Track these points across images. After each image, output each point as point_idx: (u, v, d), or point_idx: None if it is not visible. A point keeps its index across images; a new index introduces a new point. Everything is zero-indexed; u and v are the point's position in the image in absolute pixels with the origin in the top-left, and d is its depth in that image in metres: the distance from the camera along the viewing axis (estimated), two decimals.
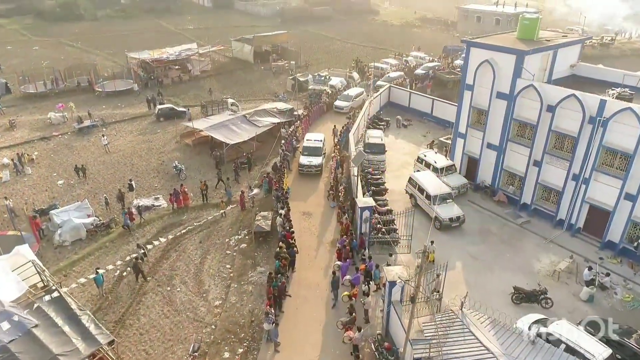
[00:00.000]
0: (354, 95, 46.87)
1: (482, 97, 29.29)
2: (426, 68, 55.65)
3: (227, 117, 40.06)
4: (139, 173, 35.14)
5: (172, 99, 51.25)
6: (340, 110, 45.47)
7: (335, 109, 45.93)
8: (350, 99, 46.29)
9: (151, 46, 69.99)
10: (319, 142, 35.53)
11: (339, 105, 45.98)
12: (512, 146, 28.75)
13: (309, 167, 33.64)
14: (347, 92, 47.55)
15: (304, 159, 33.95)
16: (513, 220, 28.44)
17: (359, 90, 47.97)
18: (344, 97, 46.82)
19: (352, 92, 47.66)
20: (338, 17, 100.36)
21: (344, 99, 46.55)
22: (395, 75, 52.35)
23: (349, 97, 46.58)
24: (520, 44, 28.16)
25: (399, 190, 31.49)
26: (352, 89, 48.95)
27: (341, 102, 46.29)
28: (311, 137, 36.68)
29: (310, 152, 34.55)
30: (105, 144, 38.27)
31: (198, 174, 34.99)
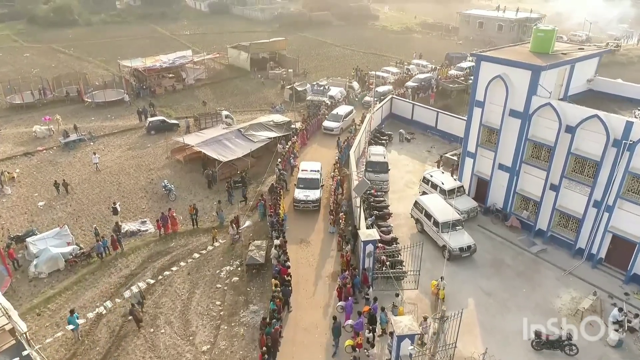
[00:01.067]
0: (343, 114, 42.54)
1: (493, 115, 27.19)
2: (417, 80, 52.17)
3: (221, 132, 37.89)
4: (126, 193, 32.93)
5: (164, 109, 49.13)
6: (330, 132, 41.29)
7: (324, 130, 41.68)
8: (340, 118, 42.05)
9: (145, 53, 68.03)
10: (316, 173, 31.19)
11: (328, 127, 41.60)
12: (526, 168, 26.63)
13: (305, 202, 29.39)
14: (336, 111, 43.08)
15: (300, 193, 29.65)
16: (528, 248, 26.30)
17: (348, 109, 43.72)
18: (333, 117, 42.43)
19: (342, 110, 43.26)
20: (337, 22, 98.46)
21: (333, 119, 42.21)
22: (383, 90, 48.44)
23: (339, 116, 42.28)
24: (535, 58, 26.08)
25: (404, 214, 29.35)
26: (341, 107, 44.40)
27: (330, 123, 41.85)
28: (307, 166, 32.28)
29: (306, 185, 30.18)
30: (95, 163, 35.91)
31: (189, 194, 32.82)
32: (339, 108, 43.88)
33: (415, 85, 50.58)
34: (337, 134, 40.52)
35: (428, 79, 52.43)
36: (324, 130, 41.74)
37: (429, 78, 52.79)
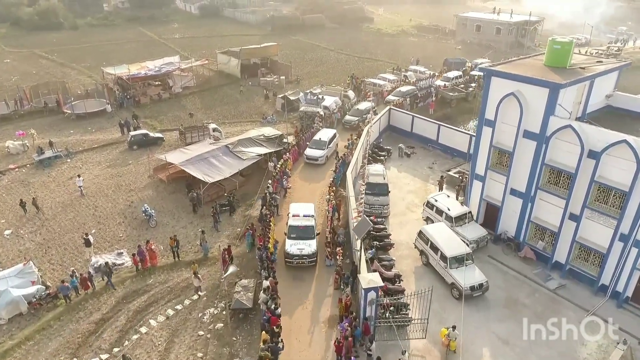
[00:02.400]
0: (327, 140, 37.29)
1: (505, 136, 24.67)
2: (399, 93, 48.05)
3: (208, 148, 35.07)
4: (103, 218, 30.10)
5: (149, 121, 46.29)
6: (314, 162, 36.14)
7: (307, 159, 36.46)
8: (324, 145, 36.80)
9: (132, 58, 65.23)
10: (310, 219, 26.02)
11: (311, 156, 36.18)
12: (542, 195, 24.12)
13: (299, 257, 24.26)
14: (318, 137, 37.65)
15: (292, 246, 24.51)
16: (544, 283, 23.80)
17: (331, 133, 38.53)
18: (316, 144, 37.03)
19: (325, 135, 37.95)
20: (331, 26, 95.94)
21: (316, 146, 36.79)
22: (364, 107, 44.45)
23: (322, 143, 36.97)
24: (552, 73, 23.58)
25: (407, 243, 26.79)
26: (324, 131, 39.00)
27: (314, 151, 36.36)
28: (298, 210, 26.88)
29: (299, 235, 25.02)
30: (80, 186, 32.76)
31: (171, 220, 30.07)
32: (321, 133, 38.61)
33: (397, 99, 46.39)
34: (322, 163, 36.08)
35: (412, 91, 48.92)
36: (306, 159, 36.57)
37: (413, 90, 49.22)
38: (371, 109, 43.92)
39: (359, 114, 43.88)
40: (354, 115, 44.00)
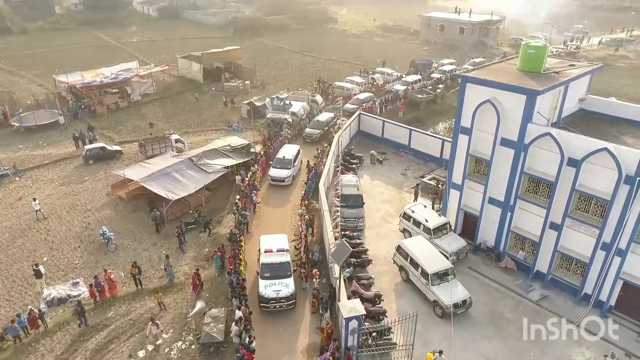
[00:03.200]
0: (292, 157, 34.17)
1: (482, 144, 23.86)
2: (357, 101, 46.05)
3: (170, 161, 32.99)
4: (56, 244, 27.65)
5: (106, 132, 43.61)
6: (281, 183, 33.32)
7: (272, 181, 33.35)
8: (290, 163, 33.73)
9: (86, 65, 61.84)
10: (285, 254, 23.03)
11: (277, 177, 33.17)
12: (522, 204, 23.43)
13: (276, 301, 21.28)
14: (282, 155, 34.48)
15: (267, 288, 21.52)
16: (526, 295, 23.11)
17: (295, 149, 35.40)
18: (280, 163, 33.83)
19: (289, 152, 34.71)
20: (295, 27, 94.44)
21: (281, 165, 33.61)
22: (325, 119, 42.02)
23: (287, 161, 33.85)
24: (527, 79, 22.91)
25: (384, 257, 25.67)
26: (287, 148, 35.75)
27: (279, 171, 33.31)
28: (269, 243, 23.70)
29: (274, 273, 22.08)
30: (37, 210, 29.92)
31: (133, 242, 27.93)
32: (284, 149, 35.45)
33: (355, 107, 44.23)
34: (288, 183, 33.27)
35: (369, 99, 47.19)
36: (272, 181, 33.42)
37: (370, 98, 47.53)
38: (334, 119, 42.35)
39: (320, 125, 41.42)
40: (314, 128, 41.37)
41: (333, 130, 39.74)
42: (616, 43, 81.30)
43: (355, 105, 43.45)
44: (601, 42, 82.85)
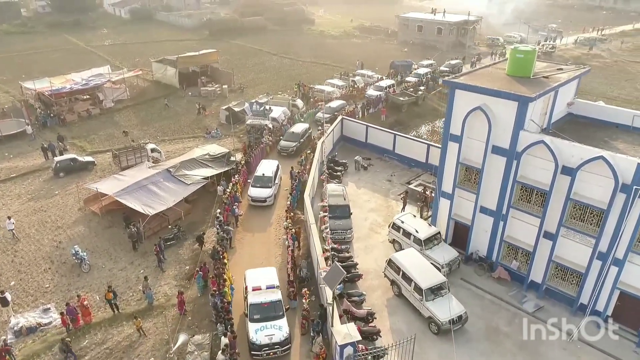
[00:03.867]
0: (272, 174, 31.46)
1: (473, 152, 23.14)
2: (330, 110, 43.75)
3: (146, 173, 31.46)
4: (24, 266, 25.84)
5: (77, 142, 41.63)
6: (262, 203, 30.56)
7: (252, 202, 30.64)
8: (270, 181, 31.04)
9: (56, 70, 59.62)
10: (275, 291, 20.71)
11: (257, 196, 30.45)
12: (515, 213, 22.79)
13: (269, 348, 18.92)
14: (261, 173, 31.48)
15: (258, 333, 19.19)
16: (521, 306, 22.50)
17: (274, 165, 32.60)
18: (260, 181, 30.94)
19: (269, 169, 31.97)
20: (272, 28, 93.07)
21: (261, 184, 30.81)
22: (300, 130, 39.75)
23: (267, 179, 31.05)
24: (517, 84, 22.28)
25: (375, 270, 24.74)
26: (265, 164, 32.77)
27: (259, 191, 30.52)
28: (257, 279, 21.42)
29: (264, 315, 19.82)
30: (11, 229, 27.84)
31: (108, 261, 26.32)
32: (263, 166, 32.54)
33: (329, 116, 41.58)
34: (270, 203, 30.62)
35: (342, 106, 45.37)
36: (251, 201, 30.63)
37: (343, 105, 45.64)
38: (309, 130, 40.66)
39: (296, 138, 39.04)
40: (290, 140, 38.84)
41: (312, 140, 38.46)
42: (590, 42, 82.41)
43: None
44: (576, 41, 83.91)
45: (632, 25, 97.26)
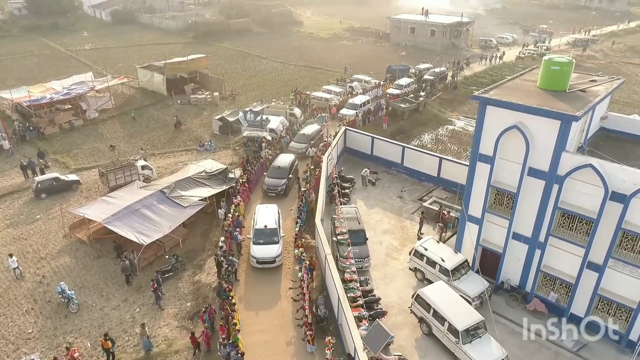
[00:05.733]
0: (275, 223, 25.63)
1: (506, 174, 21.04)
2: (304, 139, 37.94)
3: (138, 195, 28.67)
4: (3, 306, 22.87)
5: (59, 157, 38.47)
6: (270, 265, 24.62)
7: (258, 263, 24.61)
8: (275, 234, 25.11)
9: (33, 77, 56.33)
10: None
11: (262, 258, 24.44)
12: (554, 241, 20.76)
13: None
14: (262, 225, 25.33)
15: None
16: (561, 342, 20.49)
17: (275, 212, 26.78)
18: (262, 235, 25.03)
19: (270, 217, 26.06)
20: (259, 30, 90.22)
21: (265, 239, 24.93)
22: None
23: (272, 232, 25.13)
24: (555, 100, 20.27)
25: (398, 305, 22.47)
26: (264, 212, 26.76)
27: (263, 249, 24.63)
28: None
29: None
30: (14, 267, 24.49)
31: (99, 298, 23.55)
32: (261, 214, 26.49)
33: (304, 146, 37.08)
34: (279, 263, 24.72)
35: (317, 133, 38.97)
36: (257, 263, 24.42)
37: (318, 131, 39.20)
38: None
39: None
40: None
41: (318, 149, 36.09)
42: (583, 43, 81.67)
43: (302, 144, 36.90)
44: (568, 42, 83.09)
45: (616, 26, 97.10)
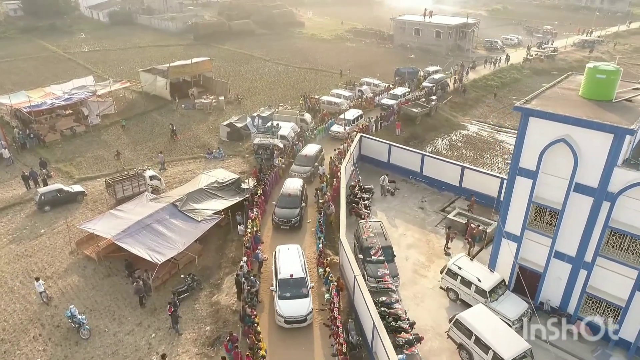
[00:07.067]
0: (303, 273, 22.08)
1: (549, 190, 19.72)
2: (305, 161, 33.99)
3: (149, 209, 27.19)
4: (7, 332, 21.35)
5: (62, 166, 36.88)
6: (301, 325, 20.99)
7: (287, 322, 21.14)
8: (304, 284, 21.76)
9: (32, 81, 54.90)
10: None
11: (291, 317, 20.81)
12: (603, 262, 19.46)
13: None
14: (289, 274, 21.82)
15: None
16: None
17: (299, 252, 23.53)
18: (287, 287, 21.56)
19: (296, 265, 22.46)
20: (260, 32, 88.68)
21: (291, 293, 21.40)
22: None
23: (300, 282, 21.77)
24: (602, 110, 18.98)
25: (432, 328, 21.09)
26: (285, 254, 23.32)
27: (291, 305, 21.06)
28: None
29: None
30: (41, 292, 22.79)
31: (111, 322, 22.04)
32: (284, 257, 22.98)
33: (309, 169, 33.27)
34: (310, 322, 21.18)
35: (320, 151, 35.47)
36: (280, 323, 20.93)
37: (321, 148, 35.91)
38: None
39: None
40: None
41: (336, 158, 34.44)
42: (589, 45, 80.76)
43: (306, 168, 33.20)
44: (575, 43, 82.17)
45: (617, 27, 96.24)
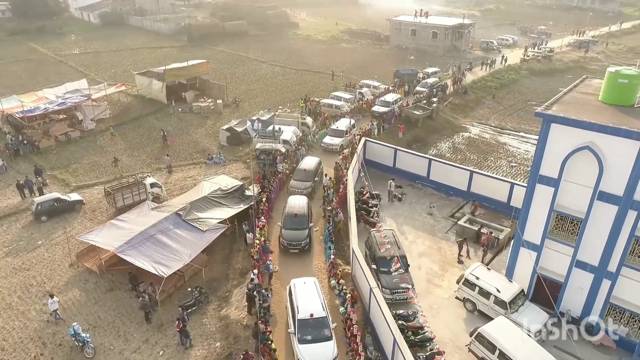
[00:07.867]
0: (321, 304, 20.22)
1: (571, 198, 19.17)
2: (303, 175, 32.12)
3: (152, 218, 26.22)
4: (7, 352, 20.31)
5: (58, 174, 35.72)
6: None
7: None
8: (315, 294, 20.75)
9: (22, 84, 53.55)
10: None
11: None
12: (627, 272, 18.96)
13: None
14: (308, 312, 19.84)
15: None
16: None
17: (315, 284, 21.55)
18: (309, 327, 19.51)
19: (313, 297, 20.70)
20: (255, 33, 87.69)
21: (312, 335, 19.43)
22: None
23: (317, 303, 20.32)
24: (625, 116, 18.47)
25: (450, 341, 20.45)
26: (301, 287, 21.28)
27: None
28: None
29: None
30: (54, 311, 21.69)
31: (116, 339, 21.11)
32: (301, 295, 20.63)
33: (309, 184, 31.28)
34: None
35: (319, 164, 33.58)
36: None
37: (320, 161, 33.96)
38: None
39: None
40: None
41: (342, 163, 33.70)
42: (584, 45, 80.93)
43: (306, 183, 31.32)
44: (570, 43, 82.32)
45: (608, 28, 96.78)
